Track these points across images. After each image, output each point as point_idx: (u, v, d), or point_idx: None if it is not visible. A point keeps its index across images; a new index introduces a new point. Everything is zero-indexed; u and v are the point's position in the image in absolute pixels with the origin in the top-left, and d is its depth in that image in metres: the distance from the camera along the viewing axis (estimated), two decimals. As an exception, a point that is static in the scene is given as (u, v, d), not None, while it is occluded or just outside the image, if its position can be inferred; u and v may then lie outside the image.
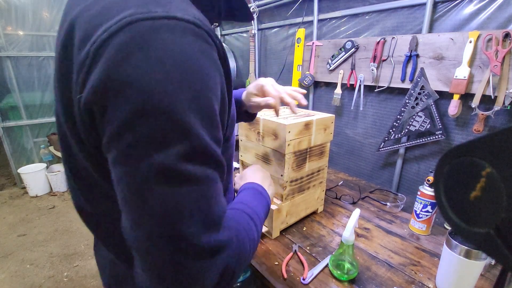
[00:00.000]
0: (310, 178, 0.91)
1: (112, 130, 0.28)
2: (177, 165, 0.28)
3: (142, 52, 0.26)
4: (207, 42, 0.30)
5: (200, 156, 0.30)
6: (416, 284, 0.69)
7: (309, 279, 0.69)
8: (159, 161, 0.27)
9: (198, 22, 0.29)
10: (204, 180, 0.30)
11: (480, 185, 0.22)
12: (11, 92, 2.59)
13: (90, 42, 0.28)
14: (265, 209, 0.51)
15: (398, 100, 1.18)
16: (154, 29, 0.27)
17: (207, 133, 0.30)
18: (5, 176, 3.09)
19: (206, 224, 0.30)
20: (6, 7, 2.37)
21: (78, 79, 0.29)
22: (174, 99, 0.27)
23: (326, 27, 1.43)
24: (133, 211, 0.29)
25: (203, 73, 0.29)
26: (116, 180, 0.29)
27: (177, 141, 0.28)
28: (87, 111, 0.29)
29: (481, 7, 0.91)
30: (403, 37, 1.07)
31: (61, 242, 2.02)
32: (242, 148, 0.95)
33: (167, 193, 0.28)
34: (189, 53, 0.28)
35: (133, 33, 0.26)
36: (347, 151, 1.45)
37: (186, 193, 0.29)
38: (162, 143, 0.27)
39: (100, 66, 0.27)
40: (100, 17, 0.28)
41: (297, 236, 0.88)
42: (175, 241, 0.28)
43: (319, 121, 0.85)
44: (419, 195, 0.87)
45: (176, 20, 0.28)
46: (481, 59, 0.89)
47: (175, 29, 0.28)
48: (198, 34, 0.29)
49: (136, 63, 0.26)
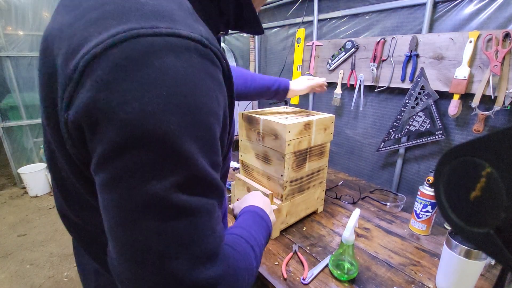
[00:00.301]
0: (310, 178, 0.91)
1: (101, 153, 0.25)
2: (171, 196, 0.25)
3: (139, 73, 0.24)
4: (213, 63, 0.28)
5: (197, 186, 0.28)
6: (416, 284, 0.69)
7: (309, 279, 0.69)
8: (151, 192, 0.25)
9: (204, 41, 0.27)
10: (200, 211, 0.28)
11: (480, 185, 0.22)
12: (11, 92, 2.59)
13: (80, 54, 0.24)
14: (266, 234, 0.48)
15: (398, 100, 1.18)
16: (154, 47, 0.24)
17: (206, 160, 0.28)
18: (5, 176, 3.09)
19: (199, 259, 0.28)
20: (6, 7, 2.37)
21: (65, 94, 0.26)
22: (171, 125, 0.25)
23: (326, 27, 1.43)
24: (118, 242, 0.27)
25: (206, 96, 0.27)
26: (102, 207, 0.27)
27: (172, 171, 0.25)
28: (75, 128, 0.26)
29: (481, 7, 0.91)
30: (403, 37, 1.07)
31: (61, 242, 2.02)
32: (242, 148, 0.95)
33: (157, 227, 0.26)
34: (192, 75, 0.26)
35: (131, 50, 0.24)
36: (347, 151, 1.45)
37: (179, 227, 0.26)
38: (155, 172, 0.25)
39: (90, 84, 0.24)
40: (94, 27, 0.25)
41: (297, 236, 0.88)
42: (163, 278, 0.26)
43: (319, 121, 0.85)
44: (419, 195, 0.87)
45: (180, 38, 0.26)
46: (481, 59, 0.89)
47: (178, 48, 0.25)
48: (204, 54, 0.27)
49: (131, 85, 0.24)
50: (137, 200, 0.25)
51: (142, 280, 0.26)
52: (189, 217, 0.27)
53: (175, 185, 0.26)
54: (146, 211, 0.25)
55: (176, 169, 0.26)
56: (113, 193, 0.26)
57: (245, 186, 0.92)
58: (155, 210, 0.25)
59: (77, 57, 0.25)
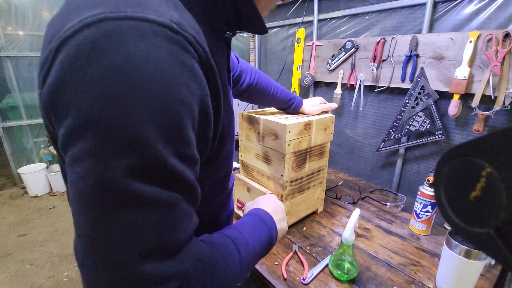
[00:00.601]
0: (310, 178, 0.91)
1: (62, 135, 0.26)
2: (123, 181, 0.25)
3: (100, 57, 0.24)
4: (185, 50, 0.27)
5: (155, 175, 0.26)
6: (416, 284, 0.69)
7: (309, 279, 0.69)
8: (105, 176, 0.25)
9: (174, 26, 0.26)
10: (157, 202, 0.27)
11: (480, 185, 0.22)
12: (11, 92, 2.59)
13: (56, 37, 0.26)
14: (265, 240, 0.44)
15: (398, 100, 1.18)
16: (118, 31, 0.24)
17: (169, 149, 0.27)
18: (5, 176, 3.09)
19: (151, 252, 0.27)
20: (6, 7, 2.37)
21: (41, 74, 0.27)
22: (129, 109, 0.24)
23: (326, 27, 1.43)
24: (75, 223, 0.27)
25: (172, 83, 0.26)
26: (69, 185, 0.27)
27: (127, 155, 0.25)
28: (46, 107, 0.27)
29: (481, 7, 0.91)
30: (403, 37, 1.07)
31: (61, 242, 2.01)
32: (242, 148, 0.95)
33: (109, 212, 0.25)
34: (156, 60, 0.25)
35: (94, 33, 0.24)
36: (347, 151, 1.45)
37: (131, 215, 0.26)
38: (109, 157, 0.25)
39: (57, 66, 0.25)
40: (71, 15, 0.26)
41: (297, 236, 0.88)
42: (112, 266, 0.26)
43: (319, 121, 0.85)
44: (419, 195, 0.87)
45: (146, 23, 0.25)
46: (481, 59, 0.89)
47: (144, 32, 0.25)
48: (173, 39, 0.26)
49: (92, 69, 0.24)
50: (91, 183, 0.25)
51: (94, 266, 0.26)
52: (144, 207, 0.26)
53: (129, 171, 0.25)
54: (99, 195, 0.25)
55: (130, 154, 0.25)
56: (73, 174, 0.26)
57: (245, 186, 0.92)
58: (108, 195, 0.25)
59: (53, 41, 0.26)
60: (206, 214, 0.45)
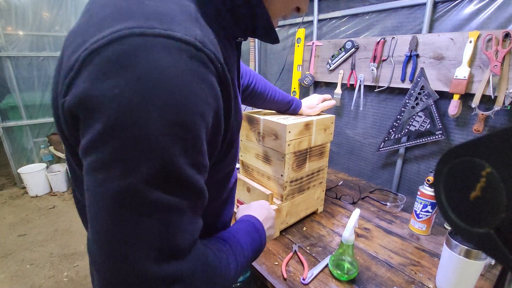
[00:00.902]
0: (310, 178, 0.91)
1: (86, 141, 0.27)
2: (142, 188, 0.26)
3: (126, 70, 0.25)
4: (205, 66, 0.29)
5: (171, 183, 0.28)
6: (416, 284, 0.69)
7: (309, 279, 0.69)
8: (124, 184, 0.26)
9: (198, 44, 0.28)
10: (171, 209, 0.29)
11: (480, 185, 0.22)
12: (11, 92, 2.59)
13: (82, 48, 0.27)
14: (256, 247, 0.48)
15: (398, 100, 1.18)
16: (146, 46, 0.26)
17: (186, 159, 0.28)
18: (5, 176, 3.09)
19: (163, 254, 0.29)
20: (6, 7, 2.37)
21: (65, 81, 0.28)
22: (150, 120, 0.26)
23: (326, 27, 1.43)
24: (92, 224, 0.28)
25: (192, 96, 0.28)
26: (86, 189, 0.29)
27: (145, 164, 0.26)
28: (70, 114, 0.29)
29: (481, 7, 0.91)
30: (403, 37, 1.07)
31: (61, 242, 2.02)
32: (242, 148, 0.95)
33: (125, 218, 0.27)
34: (179, 74, 0.27)
35: (123, 48, 0.25)
36: (347, 151, 1.45)
37: (146, 221, 0.27)
38: (128, 164, 0.26)
39: (85, 76, 0.26)
40: (97, 26, 0.28)
41: (297, 236, 0.88)
42: (126, 267, 0.27)
43: (319, 122, 0.85)
44: (419, 195, 0.87)
45: (173, 40, 0.27)
46: (481, 59, 0.89)
47: (169, 49, 0.26)
48: (195, 56, 0.28)
49: (118, 81, 0.25)
50: (111, 188, 0.26)
51: (108, 265, 0.28)
52: (159, 213, 0.28)
53: (149, 180, 0.27)
54: (117, 201, 0.26)
55: (149, 163, 0.26)
56: (92, 179, 0.27)
57: (245, 186, 0.92)
58: (126, 202, 0.27)
59: (79, 50, 0.27)
60: (208, 214, 0.45)
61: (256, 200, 0.87)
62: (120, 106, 0.25)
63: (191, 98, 0.28)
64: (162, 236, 0.28)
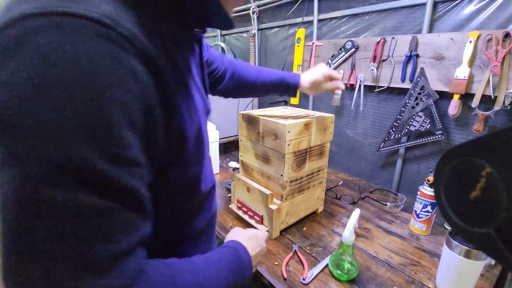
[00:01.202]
0: (310, 178, 0.91)
1: None
2: (39, 187, 0.23)
3: (14, 56, 0.23)
4: (120, 46, 0.25)
5: (78, 179, 0.24)
6: (416, 284, 0.69)
7: (309, 279, 0.69)
8: (19, 182, 0.23)
9: (107, 21, 0.25)
10: (83, 210, 0.24)
11: (480, 185, 0.22)
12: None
13: None
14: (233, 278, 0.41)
15: (398, 100, 1.18)
16: (41, 27, 0.23)
17: (98, 151, 0.25)
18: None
19: (77, 267, 0.25)
20: (6, 7, 2.37)
21: None
22: (42, 112, 0.23)
23: (326, 27, 1.43)
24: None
25: (100, 81, 0.24)
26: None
27: (43, 157, 0.23)
28: None
29: (481, 7, 0.91)
30: (403, 37, 1.07)
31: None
32: (242, 148, 0.95)
33: (24, 224, 0.23)
34: (80, 56, 0.23)
35: (17, 31, 0.23)
36: (347, 151, 1.45)
37: (51, 226, 0.24)
38: (18, 159, 0.23)
39: None
40: (5, 12, 0.25)
41: (297, 236, 0.88)
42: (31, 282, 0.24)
43: (319, 121, 0.85)
44: (419, 195, 0.87)
45: (73, 18, 0.23)
46: (481, 59, 0.89)
47: (69, 27, 0.23)
48: (105, 35, 0.25)
49: (7, 67, 0.23)
50: (7, 190, 0.23)
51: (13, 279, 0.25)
52: (67, 216, 0.24)
53: (47, 176, 0.23)
54: (9, 201, 0.23)
55: (48, 157, 0.23)
56: None
57: (245, 186, 0.92)
58: (17, 201, 0.23)
59: None
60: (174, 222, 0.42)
61: (256, 199, 0.87)
62: (11, 94, 0.23)
63: (100, 83, 0.24)
64: (74, 244, 0.24)
